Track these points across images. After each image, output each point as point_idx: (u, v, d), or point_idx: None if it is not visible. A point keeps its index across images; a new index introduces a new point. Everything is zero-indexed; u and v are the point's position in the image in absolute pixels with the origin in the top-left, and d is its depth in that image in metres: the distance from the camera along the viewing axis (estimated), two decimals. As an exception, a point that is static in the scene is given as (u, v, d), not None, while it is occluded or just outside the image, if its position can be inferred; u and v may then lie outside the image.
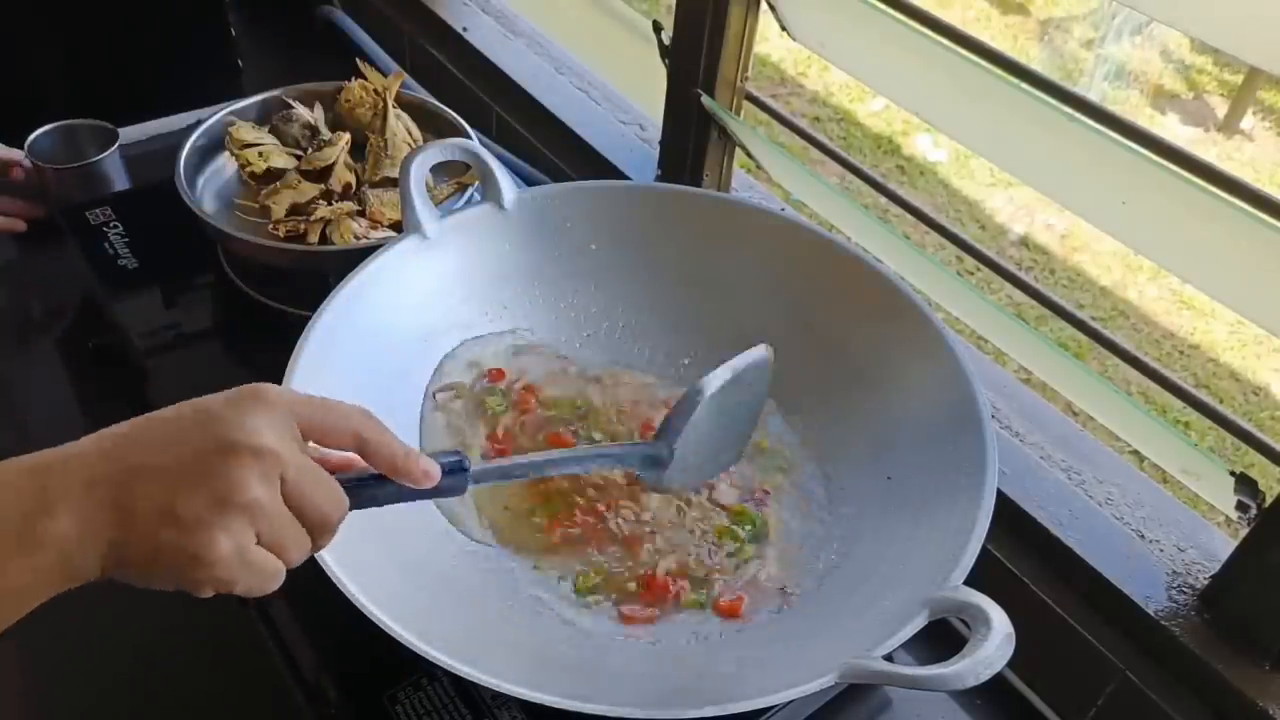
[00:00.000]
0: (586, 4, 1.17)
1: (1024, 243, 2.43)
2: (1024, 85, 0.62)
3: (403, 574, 0.58)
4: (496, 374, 0.72)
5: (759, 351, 0.59)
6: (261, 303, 0.84)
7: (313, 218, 0.81)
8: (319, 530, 0.43)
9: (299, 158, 0.88)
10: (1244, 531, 0.60)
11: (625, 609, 0.61)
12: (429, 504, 0.64)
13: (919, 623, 0.51)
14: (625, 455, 0.59)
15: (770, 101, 0.87)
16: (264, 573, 0.41)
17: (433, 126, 0.93)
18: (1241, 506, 0.60)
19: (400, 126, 0.91)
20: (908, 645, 0.54)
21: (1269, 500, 0.58)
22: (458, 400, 0.70)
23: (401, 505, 0.59)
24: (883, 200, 0.80)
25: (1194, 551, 0.66)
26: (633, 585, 0.62)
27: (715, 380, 0.56)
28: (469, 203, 0.82)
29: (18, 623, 0.42)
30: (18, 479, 0.38)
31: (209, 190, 0.88)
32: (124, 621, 0.66)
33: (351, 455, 0.45)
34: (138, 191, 0.93)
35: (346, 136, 0.89)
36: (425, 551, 0.62)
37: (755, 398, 0.61)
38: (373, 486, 0.46)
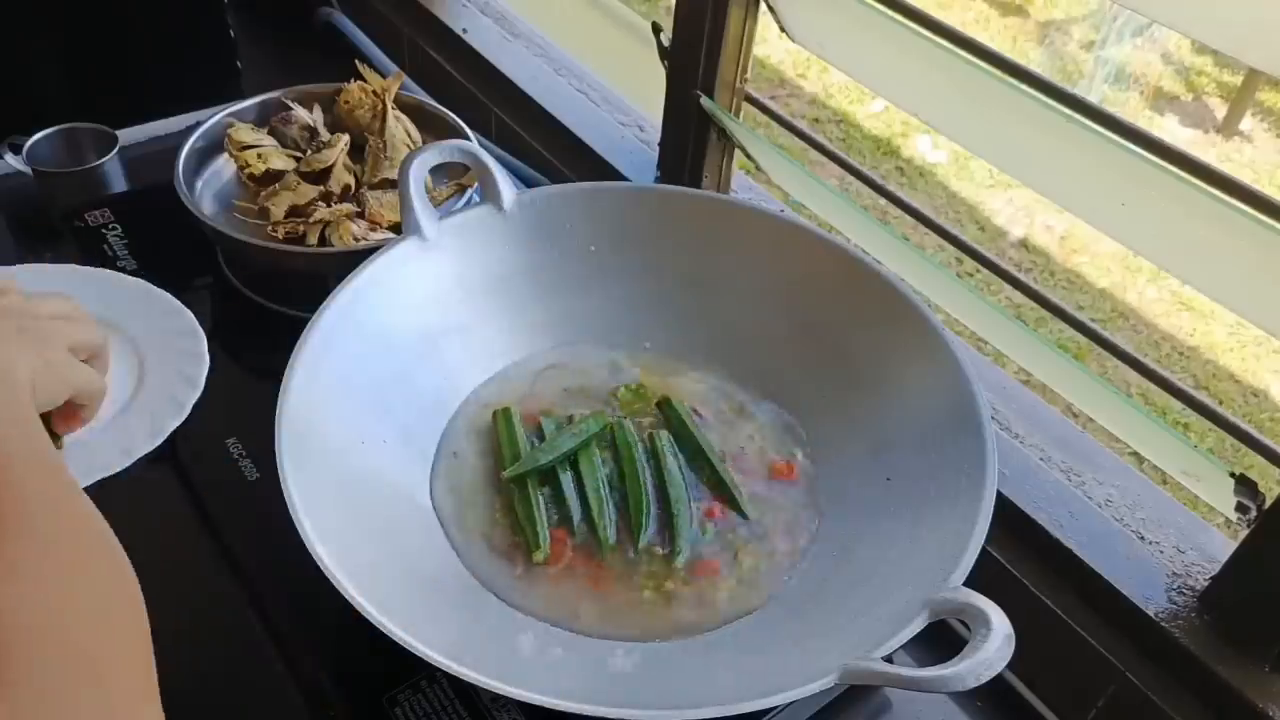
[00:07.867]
0: (586, 5, 1.17)
1: (1023, 244, 2.43)
2: (1023, 87, 0.62)
3: (402, 576, 0.58)
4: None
5: None
6: (260, 304, 0.84)
7: (312, 219, 0.81)
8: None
9: (298, 159, 0.88)
10: (1244, 533, 0.60)
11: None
12: (427, 507, 0.64)
13: (919, 624, 0.50)
14: None
15: (769, 103, 0.87)
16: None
17: (432, 128, 0.93)
18: (1241, 508, 0.60)
19: (399, 128, 0.90)
20: (908, 647, 0.54)
21: (1269, 502, 0.58)
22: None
23: (400, 507, 0.58)
24: (882, 202, 0.80)
25: (1194, 553, 0.66)
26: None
27: None
28: (468, 204, 0.82)
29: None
30: None
31: (208, 192, 0.88)
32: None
33: None
34: (136, 193, 0.93)
35: (345, 138, 0.89)
36: (424, 553, 0.62)
37: None
38: None
